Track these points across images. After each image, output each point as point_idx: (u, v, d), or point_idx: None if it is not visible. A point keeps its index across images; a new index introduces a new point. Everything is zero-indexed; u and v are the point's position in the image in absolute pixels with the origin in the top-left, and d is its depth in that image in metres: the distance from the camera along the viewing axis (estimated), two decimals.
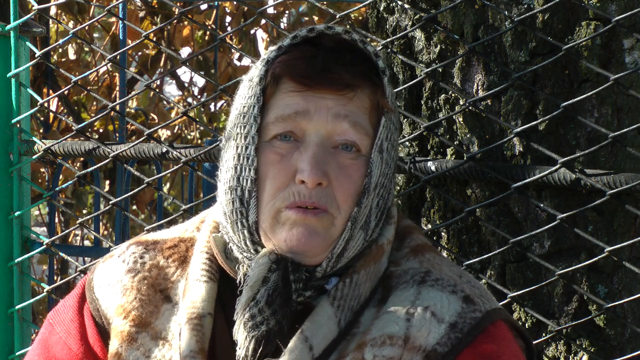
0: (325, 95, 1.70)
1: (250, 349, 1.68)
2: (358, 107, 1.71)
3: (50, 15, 5.44)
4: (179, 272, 1.82)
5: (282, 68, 1.72)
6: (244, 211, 1.72)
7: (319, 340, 1.67)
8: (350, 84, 1.70)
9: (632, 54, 2.14)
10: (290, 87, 1.71)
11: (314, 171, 1.67)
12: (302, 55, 1.72)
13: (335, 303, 1.70)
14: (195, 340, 1.71)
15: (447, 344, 1.66)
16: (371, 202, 1.72)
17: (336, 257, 1.71)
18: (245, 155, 1.72)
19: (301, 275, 1.69)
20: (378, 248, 1.75)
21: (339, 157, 1.70)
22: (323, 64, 1.70)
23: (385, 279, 1.75)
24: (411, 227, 1.84)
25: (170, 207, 6.33)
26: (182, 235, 1.87)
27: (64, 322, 1.86)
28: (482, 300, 1.71)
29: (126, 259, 1.85)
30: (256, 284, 1.69)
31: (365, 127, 1.72)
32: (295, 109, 1.70)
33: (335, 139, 1.70)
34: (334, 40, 1.73)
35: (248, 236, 1.72)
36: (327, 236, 1.69)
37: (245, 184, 1.71)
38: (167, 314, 1.79)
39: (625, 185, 2.07)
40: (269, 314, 1.67)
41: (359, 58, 1.73)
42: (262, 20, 6.11)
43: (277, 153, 1.70)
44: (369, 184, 1.71)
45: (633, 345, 2.15)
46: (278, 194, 1.69)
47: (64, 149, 2.89)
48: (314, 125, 1.70)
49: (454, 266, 1.80)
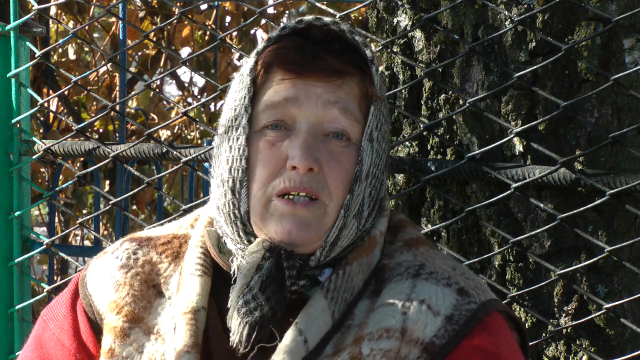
0: (315, 83, 1.71)
1: (244, 334, 1.69)
2: (347, 94, 1.73)
3: (50, 15, 5.44)
4: (172, 267, 1.83)
5: (271, 57, 1.74)
6: (235, 202, 1.73)
7: (313, 333, 1.68)
8: (339, 70, 1.72)
9: (632, 54, 2.14)
10: (279, 75, 1.73)
11: (305, 156, 1.68)
12: (291, 45, 1.74)
13: (328, 295, 1.71)
14: (190, 334, 1.72)
15: (445, 336, 1.67)
16: (363, 191, 1.73)
17: (330, 246, 1.72)
18: (237, 146, 1.73)
19: (294, 263, 1.70)
20: (371, 240, 1.76)
21: (329, 145, 1.72)
22: (312, 53, 1.72)
23: (379, 271, 1.76)
24: (404, 221, 1.86)
25: (170, 207, 6.33)
26: (175, 231, 1.89)
27: (57, 318, 1.87)
28: (476, 291, 1.73)
29: (119, 255, 1.86)
30: (250, 272, 1.70)
31: (355, 114, 1.73)
32: (284, 95, 1.71)
33: (326, 126, 1.72)
34: (323, 31, 1.75)
35: (241, 227, 1.74)
36: (319, 226, 1.71)
37: (237, 175, 1.73)
38: (160, 309, 1.80)
39: (625, 185, 2.07)
40: (263, 300, 1.68)
41: (348, 47, 1.75)
42: (262, 20, 6.11)
43: (268, 141, 1.72)
44: (360, 171, 1.72)
45: (633, 345, 2.15)
46: (269, 182, 1.71)
47: (64, 149, 2.89)
48: (304, 113, 1.71)
49: (448, 259, 1.81)
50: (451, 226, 2.30)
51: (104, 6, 5.17)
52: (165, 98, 4.01)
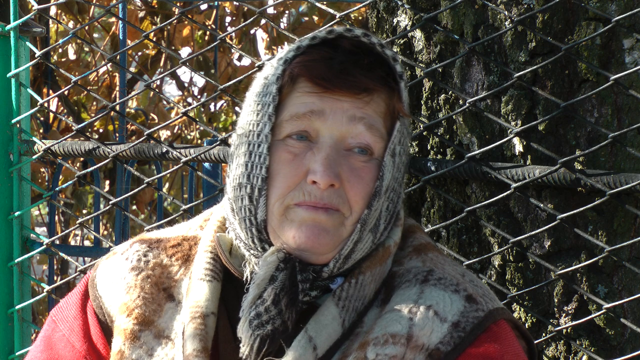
0: (342, 98, 1.70)
1: (254, 347, 1.68)
2: (374, 110, 1.72)
3: (50, 15, 5.44)
4: (182, 271, 1.82)
5: (299, 68, 1.72)
6: (252, 209, 1.72)
7: (323, 340, 1.68)
8: (368, 87, 1.70)
9: (632, 54, 2.14)
10: (307, 87, 1.71)
11: (327, 172, 1.67)
12: (321, 56, 1.72)
13: (340, 303, 1.70)
14: (199, 339, 1.72)
15: (450, 342, 1.66)
16: (381, 206, 1.73)
17: (344, 259, 1.71)
18: (258, 152, 1.72)
19: (308, 276, 1.69)
20: (385, 250, 1.75)
21: (350, 160, 1.70)
22: (341, 66, 1.70)
23: (389, 278, 1.75)
24: (414, 226, 1.85)
25: (170, 207, 6.32)
26: (185, 233, 1.88)
27: (67, 319, 1.86)
28: (484, 299, 1.72)
29: (130, 256, 1.85)
30: (263, 282, 1.69)
31: (380, 131, 1.72)
32: (310, 108, 1.70)
33: (349, 141, 1.70)
34: (352, 43, 1.73)
35: (256, 234, 1.73)
36: (336, 235, 1.70)
37: (256, 182, 1.71)
38: (171, 313, 1.80)
39: (625, 185, 2.07)
40: (275, 314, 1.67)
41: (377, 62, 1.73)
42: (262, 20, 6.11)
43: (290, 152, 1.71)
44: (381, 187, 1.71)
45: (633, 345, 2.15)
46: (288, 193, 1.69)
47: (64, 149, 2.89)
48: (328, 127, 1.70)
49: (457, 265, 1.80)
50: (451, 226, 2.30)
51: (104, 6, 5.17)
52: (165, 98, 4.00)
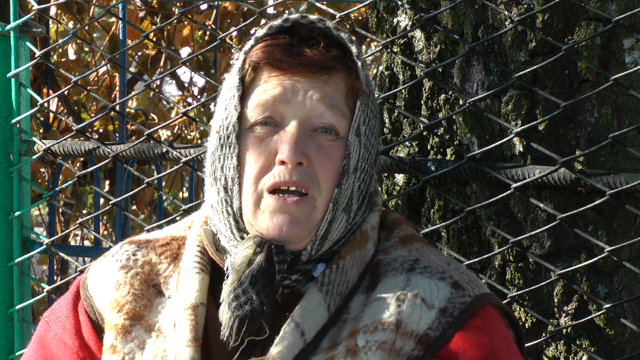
0: (301, 79, 1.75)
1: (234, 328, 1.72)
2: (333, 89, 1.76)
3: (50, 15, 5.43)
4: (171, 268, 1.86)
5: (258, 55, 1.78)
6: (228, 199, 1.77)
7: (310, 326, 1.71)
8: (325, 66, 1.76)
9: (632, 54, 2.14)
10: (267, 73, 1.77)
11: (293, 150, 1.72)
12: (278, 43, 1.78)
13: (323, 289, 1.74)
14: (190, 329, 1.75)
15: (439, 328, 1.70)
16: (352, 185, 1.76)
17: (320, 239, 1.75)
18: (227, 143, 1.77)
19: (285, 257, 1.73)
20: (362, 234, 1.79)
21: (318, 139, 1.75)
22: (297, 49, 1.76)
23: (374, 266, 1.79)
24: (400, 219, 1.89)
25: (170, 207, 6.32)
26: (174, 234, 1.92)
27: (59, 319, 1.90)
28: (470, 285, 1.76)
29: (119, 257, 1.89)
30: (241, 267, 1.73)
31: (342, 109, 1.76)
32: (272, 93, 1.75)
33: (314, 121, 1.75)
34: (309, 29, 1.79)
35: (234, 224, 1.77)
36: (309, 221, 1.74)
37: (228, 172, 1.77)
38: (160, 308, 1.83)
39: (625, 185, 2.07)
40: (253, 294, 1.71)
41: (333, 44, 1.78)
42: (262, 20, 6.10)
43: (257, 137, 1.76)
44: (348, 165, 1.75)
45: (633, 345, 2.15)
46: (260, 178, 1.74)
47: (64, 149, 2.89)
48: (291, 109, 1.75)
49: (442, 255, 1.84)
50: (451, 226, 2.30)
51: (104, 6, 5.17)
52: (165, 98, 4.00)
